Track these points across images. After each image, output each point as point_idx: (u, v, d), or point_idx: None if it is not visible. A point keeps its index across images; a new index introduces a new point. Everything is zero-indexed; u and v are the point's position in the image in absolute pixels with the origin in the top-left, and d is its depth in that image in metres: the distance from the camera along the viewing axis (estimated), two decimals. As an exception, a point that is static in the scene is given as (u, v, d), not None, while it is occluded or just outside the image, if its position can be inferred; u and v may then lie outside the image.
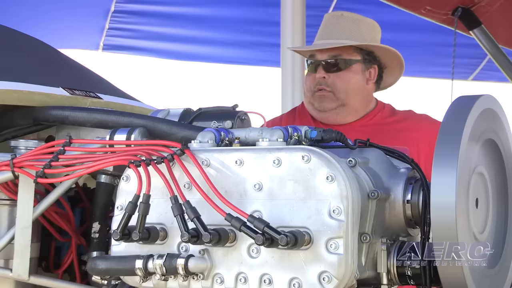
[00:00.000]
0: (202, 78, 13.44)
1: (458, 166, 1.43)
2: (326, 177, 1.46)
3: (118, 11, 6.03)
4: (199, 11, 6.13)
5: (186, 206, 1.50)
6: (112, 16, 6.07)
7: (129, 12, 6.09)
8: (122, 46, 6.51)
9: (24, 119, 1.92)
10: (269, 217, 1.47)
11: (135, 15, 6.14)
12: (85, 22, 6.17)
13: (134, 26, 6.28)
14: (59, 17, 5.81)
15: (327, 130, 1.61)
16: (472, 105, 1.51)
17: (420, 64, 6.31)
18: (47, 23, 5.60)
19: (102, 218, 1.78)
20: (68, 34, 6.08)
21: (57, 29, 5.75)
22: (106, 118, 1.83)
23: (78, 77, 2.32)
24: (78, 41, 6.28)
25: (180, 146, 1.57)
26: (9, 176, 1.76)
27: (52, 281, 1.86)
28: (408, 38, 5.74)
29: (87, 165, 1.67)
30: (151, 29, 6.35)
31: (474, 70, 6.66)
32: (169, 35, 6.41)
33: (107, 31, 6.24)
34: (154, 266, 1.51)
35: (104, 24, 6.16)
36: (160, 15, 6.17)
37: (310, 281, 1.44)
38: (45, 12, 5.62)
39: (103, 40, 6.34)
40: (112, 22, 6.15)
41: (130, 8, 6.03)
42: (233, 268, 1.50)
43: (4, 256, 1.81)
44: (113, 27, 6.21)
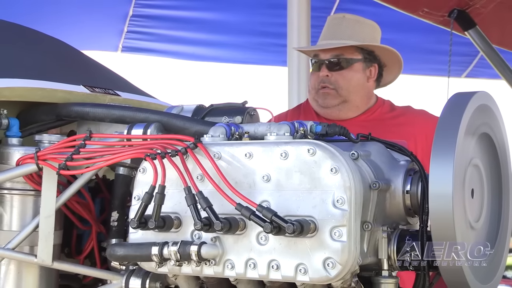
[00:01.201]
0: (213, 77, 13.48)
1: (454, 159, 1.42)
2: (330, 169, 1.45)
3: (136, 15, 6.05)
4: (211, 15, 6.14)
5: (198, 196, 1.49)
6: (130, 20, 6.09)
7: (146, 17, 6.10)
8: (140, 48, 6.53)
9: (48, 115, 1.92)
10: (277, 207, 1.46)
11: (151, 19, 6.15)
12: (105, 25, 6.20)
13: (150, 30, 6.30)
14: (81, 21, 5.84)
15: (331, 125, 1.60)
16: (468, 101, 1.50)
17: (416, 63, 6.29)
18: (70, 26, 5.61)
19: (121, 208, 1.78)
20: (90, 36, 6.10)
21: (79, 31, 5.77)
22: (124, 114, 1.83)
23: (98, 76, 2.32)
24: (98, 43, 6.30)
25: (193, 140, 1.56)
26: (33, 168, 1.76)
27: (74, 266, 1.86)
28: (404, 37, 5.70)
29: (106, 158, 1.66)
30: (166, 32, 6.37)
31: (467, 68, 6.64)
32: (183, 38, 6.43)
33: (125, 34, 6.27)
34: (169, 253, 1.50)
35: (123, 28, 6.18)
36: (175, 19, 6.18)
37: (315, 267, 1.43)
38: (68, 15, 5.64)
39: (122, 42, 6.36)
40: (130, 26, 6.17)
41: (146, 13, 6.05)
42: (243, 254, 1.50)
43: (29, 243, 1.81)
44: (131, 30, 6.23)
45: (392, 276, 1.55)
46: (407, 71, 6.03)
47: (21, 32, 2.38)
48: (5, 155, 1.82)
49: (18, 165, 1.78)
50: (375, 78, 2.75)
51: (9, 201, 1.83)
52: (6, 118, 1.84)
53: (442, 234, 1.42)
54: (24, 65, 2.08)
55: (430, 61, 6.30)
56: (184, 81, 13.59)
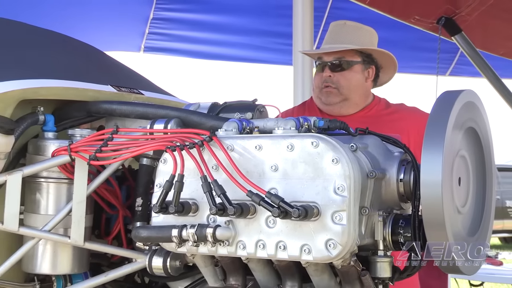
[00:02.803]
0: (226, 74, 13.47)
1: (443, 150, 1.41)
2: (332, 160, 1.44)
3: (156, 18, 6.03)
4: (225, 19, 6.13)
5: (214, 184, 1.49)
6: (151, 22, 6.08)
7: (165, 19, 6.08)
8: (160, 48, 6.50)
9: (79, 111, 1.92)
10: (284, 194, 1.46)
11: (170, 21, 6.13)
12: (129, 28, 6.18)
13: (169, 31, 6.27)
14: (106, 24, 5.82)
15: (333, 120, 1.60)
16: (456, 98, 1.50)
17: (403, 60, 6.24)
18: (96, 28, 5.60)
19: (144, 194, 1.78)
20: (114, 38, 6.09)
21: (105, 33, 5.76)
22: (147, 111, 1.83)
23: (123, 76, 2.32)
24: (123, 44, 6.29)
25: (208, 134, 1.56)
26: (67, 159, 1.76)
27: (103, 246, 1.86)
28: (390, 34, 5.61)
29: (131, 150, 1.66)
30: (184, 33, 6.35)
31: (450, 65, 6.58)
32: (199, 38, 6.41)
33: (147, 36, 6.25)
34: (187, 235, 1.50)
35: (144, 30, 6.16)
36: (191, 22, 6.16)
37: (318, 247, 1.43)
38: (95, 19, 5.61)
39: (143, 43, 6.34)
40: (151, 28, 6.15)
41: (166, 16, 6.03)
42: (253, 236, 1.49)
43: (63, 226, 1.82)
44: (152, 32, 6.21)
45: (387, 256, 1.54)
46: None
47: (56, 38, 2.39)
48: (42, 147, 1.83)
49: (53, 156, 1.79)
50: (373, 78, 2.75)
51: (46, 188, 1.83)
52: (43, 115, 1.85)
53: (432, 218, 1.41)
54: (58, 67, 2.09)
55: (416, 58, 6.23)
56: (199, 77, 13.70)
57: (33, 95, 1.83)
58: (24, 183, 1.79)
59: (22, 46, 2.15)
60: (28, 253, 1.82)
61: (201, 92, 14.66)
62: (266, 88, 10.74)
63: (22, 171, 1.78)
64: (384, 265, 1.54)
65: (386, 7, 4.78)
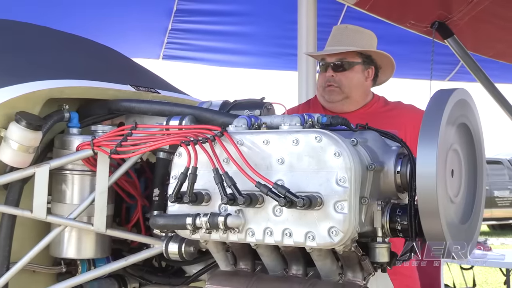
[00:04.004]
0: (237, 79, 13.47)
1: (438, 144, 1.40)
2: (334, 153, 1.43)
3: (174, 29, 6.04)
4: (237, 29, 6.13)
5: (225, 176, 1.47)
6: (169, 33, 6.09)
7: (183, 30, 6.09)
8: (177, 56, 6.52)
9: (101, 109, 1.91)
10: (290, 185, 1.45)
11: (187, 32, 6.14)
12: (149, 37, 6.20)
13: (186, 41, 6.28)
14: (129, 34, 5.85)
15: (335, 117, 1.59)
16: (449, 96, 1.48)
17: (405, 68, 6.25)
18: (120, 38, 5.59)
19: (161, 185, 1.77)
20: (136, 46, 6.12)
21: (127, 42, 5.77)
22: (163, 108, 1.82)
23: (142, 77, 2.32)
24: (143, 52, 6.30)
25: (220, 130, 1.55)
26: (90, 153, 1.76)
27: (123, 233, 1.86)
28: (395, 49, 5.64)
29: (149, 145, 1.65)
30: (199, 43, 6.37)
31: (450, 73, 6.59)
32: (213, 47, 6.43)
33: (165, 45, 6.27)
34: (201, 222, 1.49)
35: (163, 39, 6.18)
36: (206, 32, 6.17)
37: (321, 234, 1.41)
38: (118, 30, 5.64)
39: (162, 51, 6.37)
40: (170, 38, 6.16)
41: (183, 27, 6.04)
42: (262, 224, 1.48)
43: (87, 214, 1.81)
44: (170, 41, 6.22)
45: (385, 242, 1.53)
46: (398, 76, 6.05)
47: (81, 42, 2.39)
48: (67, 142, 1.83)
49: (77, 150, 1.79)
50: (372, 78, 2.73)
51: (71, 180, 1.83)
52: (68, 112, 1.85)
53: (427, 207, 1.40)
54: (82, 69, 2.09)
55: (417, 67, 6.24)
56: (212, 82, 13.72)
57: (59, 94, 1.82)
58: (51, 175, 1.78)
59: (50, 49, 2.16)
60: (55, 239, 1.82)
61: (214, 93, 14.73)
62: (273, 91, 10.73)
63: (49, 164, 1.77)
64: (383, 250, 1.53)
65: (384, 13, 4.77)
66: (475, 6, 4.58)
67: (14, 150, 1.71)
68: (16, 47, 2.07)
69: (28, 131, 1.70)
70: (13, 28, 2.23)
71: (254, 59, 6.79)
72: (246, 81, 20.72)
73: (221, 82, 23.53)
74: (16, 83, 1.77)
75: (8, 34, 2.16)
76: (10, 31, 2.20)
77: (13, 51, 2.03)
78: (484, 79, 5.15)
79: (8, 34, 2.16)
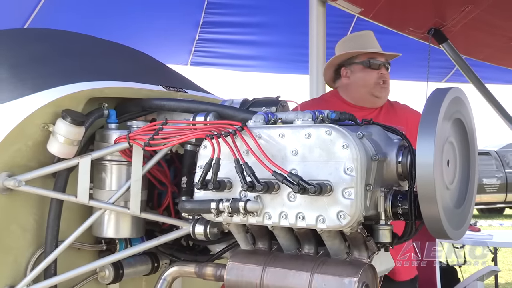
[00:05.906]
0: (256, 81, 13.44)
1: (435, 137, 1.36)
2: (342, 146, 1.40)
3: (201, 39, 6.08)
4: (256, 38, 6.14)
5: (245, 166, 1.45)
6: (197, 42, 6.12)
7: (208, 40, 6.13)
8: (204, 62, 6.56)
9: (136, 107, 1.90)
10: (302, 173, 1.42)
11: (212, 41, 6.17)
12: (179, 46, 6.23)
13: (211, 49, 6.31)
14: (161, 43, 5.90)
15: (343, 113, 1.56)
16: (446, 94, 1.44)
17: (407, 72, 6.22)
18: (153, 46, 5.63)
19: (188, 174, 1.75)
20: (167, 54, 6.14)
21: (159, 50, 5.79)
22: (190, 106, 1.80)
23: (171, 78, 2.31)
24: (173, 59, 6.34)
25: (240, 125, 1.52)
26: (126, 145, 1.75)
27: (155, 216, 1.84)
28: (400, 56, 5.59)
29: (177, 138, 1.64)
30: (223, 51, 6.39)
31: (446, 76, 6.54)
32: (235, 54, 6.46)
33: (193, 52, 6.31)
34: (223, 207, 1.47)
35: (191, 48, 6.22)
36: (229, 41, 6.19)
37: (331, 217, 1.39)
38: (151, 41, 5.67)
39: (190, 58, 6.40)
40: (197, 47, 6.20)
41: (209, 37, 6.08)
42: (277, 208, 1.45)
43: (124, 199, 1.80)
44: (197, 50, 6.26)
45: (388, 224, 1.50)
46: (399, 78, 6.05)
47: (118, 48, 2.38)
48: (106, 136, 1.82)
49: (115, 143, 1.78)
50: None
51: (109, 169, 1.82)
52: (107, 110, 1.84)
53: (425, 193, 1.36)
54: (120, 72, 2.08)
55: (416, 71, 6.20)
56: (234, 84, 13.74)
57: (99, 94, 1.82)
58: (92, 165, 1.78)
59: (93, 55, 2.16)
60: (96, 221, 1.82)
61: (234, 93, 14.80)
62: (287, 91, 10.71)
63: (91, 155, 1.77)
64: (385, 232, 1.49)
65: (385, 20, 4.73)
66: (467, 15, 4.53)
67: (61, 143, 1.71)
68: (65, 53, 2.08)
69: (73, 126, 1.69)
70: (63, 37, 2.25)
71: (270, 64, 6.80)
72: (263, 83, 20.81)
73: (241, 84, 23.35)
74: (63, 84, 1.77)
75: (59, 42, 2.18)
76: (61, 39, 2.21)
77: (62, 56, 2.04)
78: (475, 80, 5.09)
79: (59, 42, 2.17)
